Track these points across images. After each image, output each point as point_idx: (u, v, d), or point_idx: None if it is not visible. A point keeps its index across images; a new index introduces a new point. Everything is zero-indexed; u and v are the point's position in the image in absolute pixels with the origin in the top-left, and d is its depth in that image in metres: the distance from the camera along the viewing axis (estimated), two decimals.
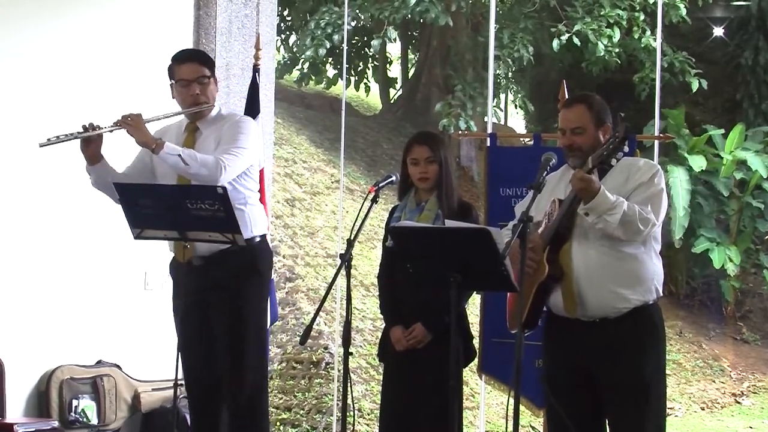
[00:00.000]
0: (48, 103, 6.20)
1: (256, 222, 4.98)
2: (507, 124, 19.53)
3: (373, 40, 14.78)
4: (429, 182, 4.85)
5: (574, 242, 4.26)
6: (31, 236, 6.17)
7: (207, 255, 4.81)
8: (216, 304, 4.90)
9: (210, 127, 4.98)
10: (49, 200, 6.24)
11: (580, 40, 13.39)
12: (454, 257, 4.17)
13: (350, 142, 14.57)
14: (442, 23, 13.62)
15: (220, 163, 4.70)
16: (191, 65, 4.97)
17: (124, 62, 6.58)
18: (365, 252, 11.18)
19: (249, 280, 4.97)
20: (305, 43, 14.01)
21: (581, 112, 4.34)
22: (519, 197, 5.77)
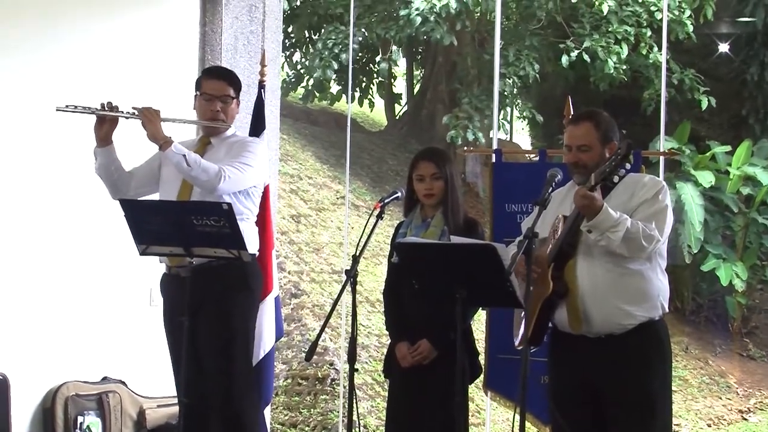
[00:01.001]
0: (50, 118, 6.21)
1: (249, 241, 4.93)
2: (512, 140, 19.55)
3: (378, 57, 14.83)
4: (435, 198, 4.85)
5: (579, 259, 4.25)
6: (36, 252, 6.17)
7: (196, 265, 4.77)
8: (205, 318, 4.89)
9: (221, 143, 5.08)
10: (54, 217, 6.24)
11: (589, 57, 13.41)
12: (459, 273, 4.17)
13: (355, 158, 14.59)
14: (447, 43, 13.66)
15: (222, 173, 4.76)
16: (218, 82, 5.08)
17: (129, 79, 6.59)
18: (371, 268, 11.18)
19: (237, 296, 4.98)
20: (314, 63, 14.04)
21: (588, 129, 4.33)
22: (524, 213, 5.77)
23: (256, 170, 4.98)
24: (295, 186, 12.78)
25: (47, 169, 6.21)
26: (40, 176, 6.19)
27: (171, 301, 5.05)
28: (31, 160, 6.17)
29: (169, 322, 5.06)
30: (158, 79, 6.72)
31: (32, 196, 6.16)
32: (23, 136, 6.14)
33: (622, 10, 13.50)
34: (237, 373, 4.98)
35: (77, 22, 6.44)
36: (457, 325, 4.22)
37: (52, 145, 6.21)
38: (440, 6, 12.92)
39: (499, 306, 5.10)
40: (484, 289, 4.19)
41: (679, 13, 13.16)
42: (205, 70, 5.26)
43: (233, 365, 4.97)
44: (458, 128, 13.73)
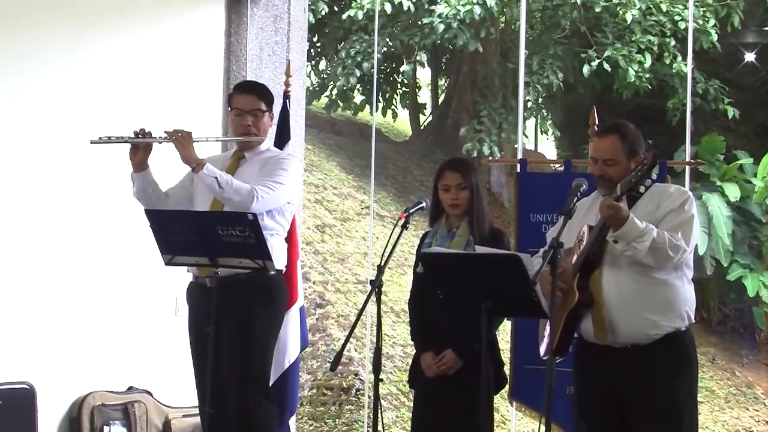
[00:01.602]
0: (78, 129, 6.25)
1: (277, 256, 4.95)
2: (537, 150, 19.52)
3: (402, 66, 14.85)
4: (460, 208, 4.85)
5: (605, 269, 4.23)
6: (63, 263, 6.20)
7: (222, 277, 4.78)
8: (226, 331, 4.89)
9: (255, 158, 5.10)
10: (81, 228, 6.27)
11: (611, 66, 13.38)
12: (484, 283, 4.16)
13: (380, 168, 14.59)
14: (472, 49, 13.65)
15: (254, 193, 4.77)
16: (248, 97, 5.10)
17: (155, 89, 6.62)
18: (396, 278, 11.17)
19: (260, 310, 4.98)
20: (336, 71, 14.09)
21: (614, 143, 4.30)
22: (549, 223, 5.75)
23: (289, 188, 5.00)
24: (320, 196, 12.79)
25: (74, 179, 6.23)
26: (68, 186, 6.21)
27: (196, 311, 5.07)
28: (59, 171, 6.20)
29: (194, 331, 5.08)
30: (184, 89, 6.75)
31: (60, 207, 6.19)
32: (50, 146, 6.17)
33: (645, 19, 13.47)
34: (252, 384, 4.98)
35: (105, 34, 6.47)
36: (482, 336, 4.21)
37: (79, 156, 6.23)
38: (464, 12, 12.92)
39: (525, 316, 5.08)
40: (510, 299, 4.18)
41: (703, 23, 13.11)
42: (236, 86, 5.28)
43: (249, 376, 4.97)
44: (475, 141, 13.72)
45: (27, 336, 6.04)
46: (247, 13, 7.07)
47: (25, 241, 6.06)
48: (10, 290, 6.00)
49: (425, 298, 4.80)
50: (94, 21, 6.41)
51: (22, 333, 6.03)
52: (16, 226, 6.04)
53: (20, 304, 6.03)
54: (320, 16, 14.52)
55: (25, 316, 6.04)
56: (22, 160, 6.07)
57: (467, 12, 12.92)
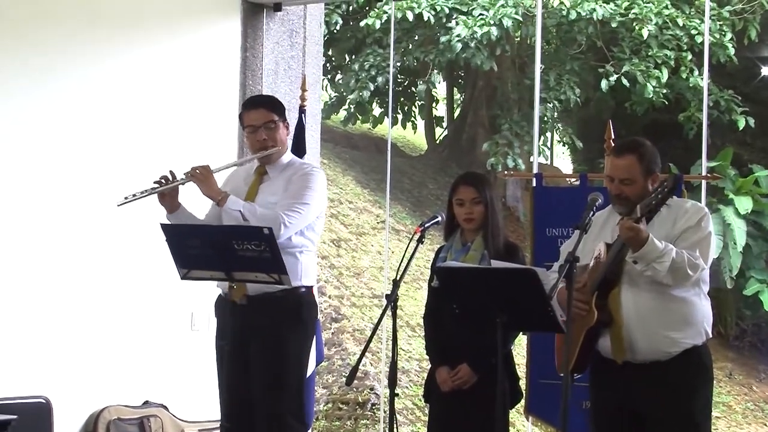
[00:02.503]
0: (90, 143, 6.28)
1: (307, 273, 4.95)
2: (553, 164, 19.49)
3: (418, 81, 14.87)
4: (475, 223, 4.84)
5: (623, 287, 4.22)
6: (79, 276, 6.21)
7: (252, 294, 4.81)
8: (256, 349, 4.87)
9: (278, 172, 5.04)
10: (96, 241, 6.28)
11: (628, 81, 13.37)
12: (500, 298, 4.15)
13: (396, 182, 14.60)
14: (487, 68, 13.67)
15: (280, 220, 4.73)
16: (257, 111, 5.03)
17: (171, 104, 6.65)
18: (411, 292, 11.17)
19: (292, 327, 4.94)
20: (349, 84, 14.12)
21: (631, 162, 4.27)
22: (565, 237, 5.73)
23: (316, 206, 4.96)
24: (336, 210, 12.81)
25: (90, 192, 6.25)
26: (83, 199, 6.23)
27: (223, 326, 5.03)
28: (74, 184, 6.22)
29: (222, 346, 5.03)
30: (200, 104, 6.77)
31: (76, 220, 6.21)
32: (65, 160, 6.19)
33: (662, 34, 13.45)
34: (286, 406, 4.91)
35: (119, 50, 6.49)
36: (497, 350, 4.20)
37: (95, 169, 6.26)
38: (481, 33, 12.95)
39: (540, 331, 5.05)
40: (525, 313, 4.17)
41: (720, 36, 13.09)
42: (244, 103, 5.22)
43: (282, 398, 4.90)
44: (498, 155, 13.72)
45: (43, 349, 6.06)
46: (263, 27, 7.10)
47: (41, 254, 6.08)
48: (27, 303, 6.01)
49: (440, 312, 4.79)
50: (108, 37, 6.42)
51: (39, 346, 6.04)
52: (32, 239, 6.05)
53: (36, 318, 6.04)
54: (335, 30, 14.55)
55: (41, 329, 6.06)
56: (37, 172, 6.09)
57: (484, 34, 12.95)
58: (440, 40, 13.59)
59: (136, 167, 6.25)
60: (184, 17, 6.88)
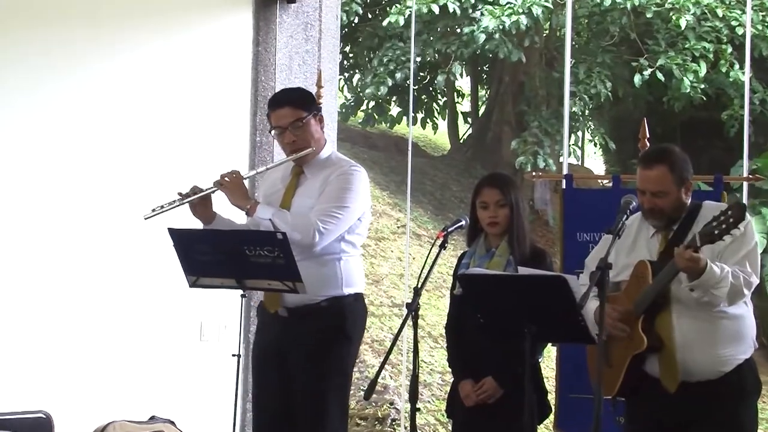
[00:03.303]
0: (93, 145, 6.31)
1: (351, 279, 4.89)
2: (584, 165, 19.46)
3: (439, 75, 14.88)
4: (499, 227, 4.83)
5: (674, 311, 4.21)
6: (79, 282, 6.23)
7: (293, 307, 4.78)
8: (295, 363, 4.83)
9: (316, 172, 4.90)
10: (97, 247, 6.31)
11: (664, 75, 13.33)
12: (527, 307, 4.15)
13: (417, 184, 14.60)
14: (515, 59, 13.66)
15: (315, 228, 4.65)
16: (281, 110, 4.87)
17: (180, 100, 6.66)
18: (433, 301, 11.17)
19: (335, 343, 4.85)
20: (366, 80, 14.14)
21: (662, 174, 4.26)
22: (597, 242, 5.74)
23: (355, 209, 4.82)
24: None
25: (95, 197, 6.28)
26: (85, 204, 6.26)
27: (261, 337, 5.01)
28: (79, 188, 6.25)
29: (256, 360, 5.02)
30: (210, 101, 6.78)
31: (80, 227, 6.24)
32: (67, 160, 6.22)
33: (700, 25, 13.41)
34: (329, 428, 4.86)
35: (126, 44, 6.51)
36: (524, 362, 4.20)
37: (101, 174, 6.29)
38: (510, 23, 12.94)
39: (571, 342, 5.05)
40: (554, 323, 4.17)
41: (762, 28, 13.04)
42: (269, 102, 5.05)
43: (326, 420, 4.83)
44: (527, 154, 13.70)
45: (43, 362, 6.09)
46: (276, 20, 7.09)
47: (42, 260, 6.11)
48: (25, 312, 6.05)
49: (464, 322, 4.80)
50: (110, 32, 6.44)
51: (39, 358, 6.08)
52: (34, 245, 6.10)
53: (36, 328, 6.08)
54: (353, 22, 14.57)
55: (41, 339, 6.10)
56: (40, 175, 6.13)
57: (513, 23, 12.94)
58: (463, 31, 13.59)
59: (142, 169, 6.28)
60: (192, 10, 6.89)
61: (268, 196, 4.98)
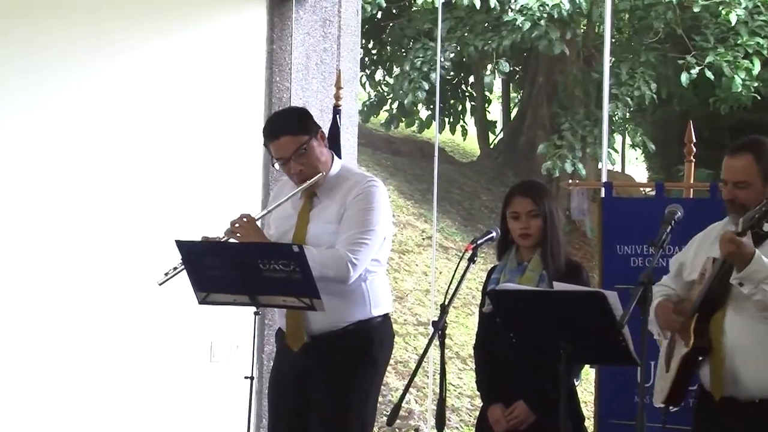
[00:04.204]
0: (95, 151, 6.36)
1: (378, 299, 4.91)
2: (625, 172, 19.43)
3: (471, 75, 14.87)
4: (531, 239, 4.83)
5: (729, 312, 4.14)
6: (81, 298, 6.29)
7: (316, 335, 4.80)
8: (315, 388, 4.85)
9: (329, 192, 4.91)
10: (101, 261, 6.35)
11: (713, 74, 13.27)
12: (562, 325, 4.15)
13: (444, 193, 14.61)
14: (557, 51, 13.61)
15: (346, 260, 4.66)
16: (281, 141, 4.84)
17: (189, 104, 6.69)
18: (461, 319, 11.17)
19: (359, 366, 4.86)
20: (401, 86, 14.11)
21: (747, 163, 4.18)
22: (639, 256, 5.74)
23: (381, 230, 4.83)
24: None
25: (94, 209, 6.32)
26: (87, 215, 6.30)
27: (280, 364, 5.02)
28: (83, 193, 6.29)
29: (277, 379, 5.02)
30: (220, 105, 6.80)
31: (79, 237, 6.30)
32: (67, 165, 6.28)
33: (753, 19, 13.37)
34: None
35: (127, 41, 6.55)
36: (559, 385, 4.21)
37: (107, 187, 6.33)
38: (551, 5, 12.89)
39: (610, 363, 5.06)
40: (592, 343, 4.17)
41: None
42: (263, 131, 4.97)
43: None
44: (555, 158, 13.68)
45: (48, 385, 6.15)
46: (292, 16, 7.10)
47: (41, 277, 6.18)
48: (28, 335, 6.12)
49: (494, 341, 4.80)
50: (113, 29, 6.50)
51: (44, 382, 6.14)
52: (34, 256, 6.17)
53: (40, 350, 6.15)
54: (376, 16, 14.58)
55: (46, 363, 6.17)
56: (39, 183, 6.19)
57: (554, 6, 12.90)
58: (503, 19, 13.55)
59: (150, 179, 6.31)
60: (201, 6, 6.92)
61: (279, 220, 4.98)
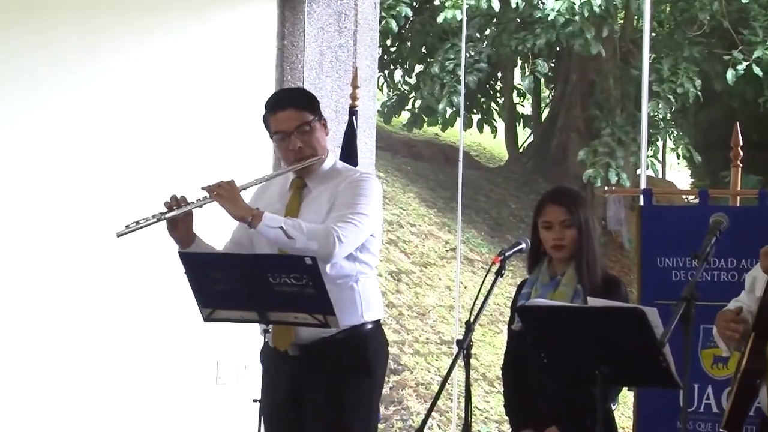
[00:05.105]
0: (112, 143, 6.40)
1: (370, 303, 4.92)
2: (666, 178, 19.41)
3: (498, 72, 14.87)
4: (565, 251, 4.83)
5: None
6: (81, 316, 6.32)
7: (306, 344, 4.81)
8: (311, 406, 4.86)
9: (321, 184, 4.95)
10: (100, 275, 6.38)
11: (762, 70, 13.25)
12: (598, 344, 4.15)
13: (469, 200, 14.62)
14: (594, 52, 13.62)
15: (333, 234, 4.65)
16: (285, 113, 4.90)
17: (193, 105, 6.72)
18: (488, 338, 11.17)
19: (356, 377, 4.88)
20: (432, 90, 14.12)
21: None
22: (681, 269, 5.72)
23: (373, 218, 4.87)
24: (395, 235, 12.85)
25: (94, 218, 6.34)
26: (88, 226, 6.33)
27: (270, 381, 5.02)
28: (76, 206, 6.33)
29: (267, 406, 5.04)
30: (228, 104, 6.82)
31: (80, 249, 6.35)
32: (71, 170, 6.35)
33: None
34: None
35: (131, 37, 6.60)
36: (595, 409, 4.20)
37: (100, 187, 6.36)
38: (580, 3, 12.91)
39: (650, 385, 5.06)
40: (631, 363, 4.17)
41: None
42: (266, 104, 5.03)
43: None
44: (597, 166, 13.66)
45: (51, 408, 6.21)
46: (305, 10, 7.12)
47: (40, 289, 6.24)
48: (30, 354, 6.18)
49: (523, 362, 4.80)
50: (117, 25, 6.56)
51: (46, 405, 6.20)
52: (33, 269, 6.24)
53: (41, 372, 6.21)
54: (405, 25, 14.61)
55: (47, 385, 6.21)
56: (39, 191, 6.26)
57: (584, 3, 12.91)
58: (535, 15, 13.56)
59: (155, 180, 6.33)
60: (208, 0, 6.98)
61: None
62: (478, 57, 13.86)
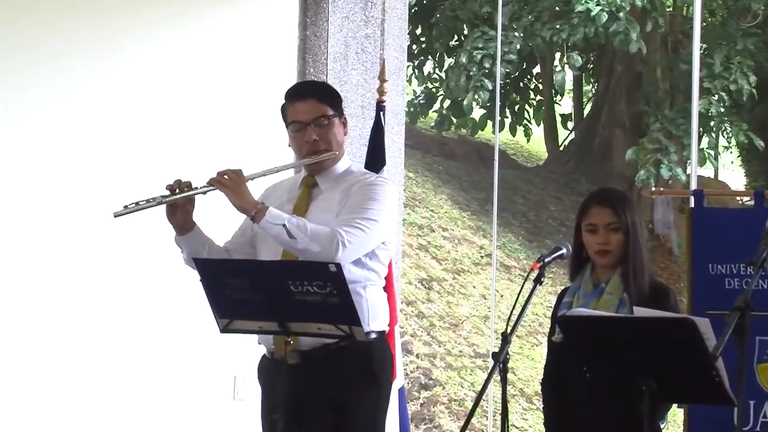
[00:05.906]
0: (134, 133, 6.45)
1: (377, 312, 4.94)
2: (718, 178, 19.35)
3: (533, 68, 14.86)
4: (611, 256, 4.82)
5: None
6: (103, 337, 6.36)
7: (306, 350, 4.81)
8: (313, 420, 4.88)
9: (333, 184, 4.98)
10: (118, 294, 6.42)
11: None
12: (646, 357, 4.14)
13: (506, 203, 14.61)
14: (634, 50, 13.60)
15: (338, 238, 4.67)
16: (306, 103, 4.94)
17: (210, 98, 6.74)
18: (526, 350, 11.17)
19: (360, 387, 4.91)
20: (458, 83, 14.10)
21: None
22: (735, 276, 5.71)
23: (384, 225, 4.88)
24: (426, 240, 12.85)
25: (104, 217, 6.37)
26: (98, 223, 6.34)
27: (271, 395, 5.05)
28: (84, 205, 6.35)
29: (265, 420, 5.07)
30: (247, 97, 6.83)
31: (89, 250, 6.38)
32: (78, 166, 6.41)
33: None
34: None
35: (146, 29, 6.64)
36: (641, 427, 4.19)
37: (111, 179, 6.38)
38: None
39: (701, 402, 5.04)
40: (681, 378, 4.15)
41: None
42: (287, 93, 5.09)
43: None
44: (648, 164, 13.61)
45: (63, 425, 6.22)
46: None
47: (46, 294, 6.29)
48: (41, 371, 6.22)
49: (564, 376, 4.79)
50: (130, 16, 6.59)
51: (58, 422, 6.22)
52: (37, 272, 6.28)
53: (54, 386, 6.25)
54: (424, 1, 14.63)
55: (59, 402, 6.26)
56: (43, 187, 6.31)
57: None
58: (574, 7, 13.54)
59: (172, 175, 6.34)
60: None
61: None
62: (507, 48, 13.78)
